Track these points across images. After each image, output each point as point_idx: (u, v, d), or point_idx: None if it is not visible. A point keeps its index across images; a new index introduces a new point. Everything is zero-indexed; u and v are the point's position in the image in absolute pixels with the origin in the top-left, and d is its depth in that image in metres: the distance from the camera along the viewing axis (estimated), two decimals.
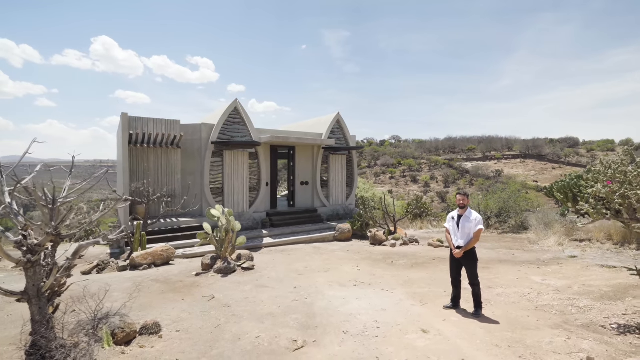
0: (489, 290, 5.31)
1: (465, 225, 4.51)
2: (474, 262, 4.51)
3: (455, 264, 4.62)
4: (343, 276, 6.45)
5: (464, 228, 4.51)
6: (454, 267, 4.66)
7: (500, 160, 53.76)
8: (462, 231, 4.52)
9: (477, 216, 4.54)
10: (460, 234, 4.55)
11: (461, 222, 4.54)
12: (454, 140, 63.40)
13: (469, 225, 4.49)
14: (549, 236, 9.81)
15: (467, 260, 4.51)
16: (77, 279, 7.01)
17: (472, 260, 4.50)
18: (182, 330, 3.99)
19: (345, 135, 14.02)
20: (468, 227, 4.49)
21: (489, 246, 9.84)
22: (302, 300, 4.89)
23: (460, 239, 4.54)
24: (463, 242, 4.50)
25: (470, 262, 4.50)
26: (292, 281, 6.12)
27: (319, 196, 13.49)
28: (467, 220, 4.52)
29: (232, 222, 7.28)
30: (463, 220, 4.53)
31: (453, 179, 48.84)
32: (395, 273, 6.63)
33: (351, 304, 4.70)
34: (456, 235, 4.59)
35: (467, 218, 4.53)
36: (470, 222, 4.49)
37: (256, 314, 4.42)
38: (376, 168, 58.02)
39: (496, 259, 7.85)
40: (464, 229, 4.51)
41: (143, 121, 10.76)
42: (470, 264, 4.49)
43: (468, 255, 4.50)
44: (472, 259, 4.50)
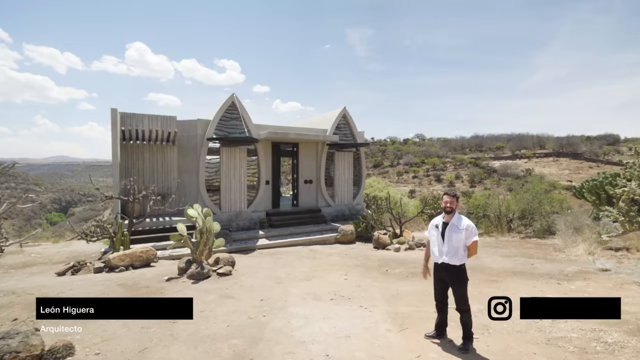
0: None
1: (452, 237, 3.47)
2: (463, 282, 3.52)
3: (440, 284, 3.65)
4: (324, 287, 5.68)
5: (450, 240, 3.48)
6: (438, 288, 3.67)
7: (530, 158, 50.52)
8: (448, 243, 3.48)
9: (468, 224, 3.50)
10: (445, 248, 3.50)
11: (447, 231, 3.51)
12: (481, 138, 60.47)
13: (457, 237, 3.46)
14: (578, 243, 8.50)
15: (453, 280, 3.53)
16: (46, 280, 6.71)
17: (460, 281, 3.51)
18: (101, 353, 3.39)
19: (353, 131, 13.15)
20: (457, 239, 3.45)
21: (506, 253, 8.69)
22: (258, 319, 4.17)
23: (444, 255, 3.51)
24: (448, 258, 3.50)
25: (458, 283, 3.51)
26: (264, 291, 5.42)
27: (323, 195, 12.72)
28: (454, 230, 3.49)
29: (208, 223, 6.69)
30: (450, 230, 3.51)
31: (479, 178, 46.46)
32: (385, 284, 5.76)
33: (311, 326, 3.92)
34: (440, 248, 3.56)
35: (454, 227, 3.50)
36: (459, 232, 3.46)
37: (197, 334, 3.76)
38: (399, 167, 56.43)
39: (510, 269, 6.76)
40: (451, 241, 3.47)
41: (138, 117, 10.44)
42: (458, 286, 3.51)
43: (455, 274, 3.51)
44: (460, 279, 3.51)
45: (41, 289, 5.81)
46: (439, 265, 3.63)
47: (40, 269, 8.06)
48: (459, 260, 3.50)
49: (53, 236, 16.92)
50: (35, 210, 67.13)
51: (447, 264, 3.54)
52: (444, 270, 3.57)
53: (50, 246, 11.51)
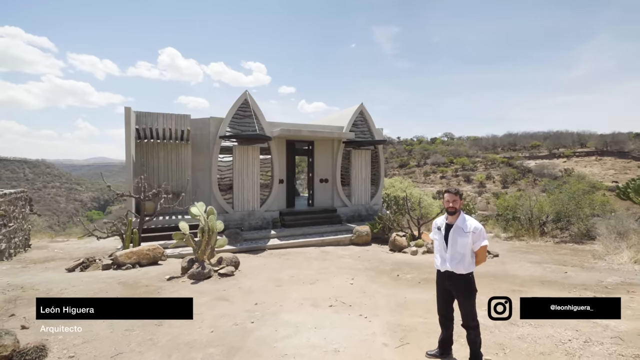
0: (508, 329, 3.77)
1: (457, 241, 2.99)
2: (471, 294, 3.01)
3: (444, 295, 3.16)
4: (326, 292, 5.28)
5: (455, 244, 2.99)
6: (442, 300, 3.19)
7: (570, 157, 47.16)
8: (453, 249, 3.00)
9: (476, 225, 2.99)
10: (449, 253, 3.02)
11: (451, 234, 3.02)
12: (514, 136, 57.27)
13: (463, 241, 2.97)
14: (622, 250, 7.53)
15: (459, 291, 3.04)
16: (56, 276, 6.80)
17: (468, 292, 3.01)
18: (75, 357, 3.21)
19: (370, 128, 12.63)
20: (462, 244, 2.97)
21: (536, 259, 7.87)
22: (245, 325, 3.86)
23: (448, 262, 3.03)
24: (453, 265, 3.01)
25: (465, 295, 3.01)
26: (262, 294, 5.12)
27: (339, 195, 12.29)
28: (460, 233, 2.99)
29: (211, 222, 6.50)
30: (454, 233, 3.02)
31: (513, 179, 44.00)
32: (392, 291, 5.27)
33: (299, 337, 3.54)
34: (442, 254, 3.09)
35: (459, 229, 3.00)
36: (466, 236, 2.97)
37: (177, 340, 3.50)
38: (426, 167, 54.77)
39: (538, 278, 6.03)
40: (455, 246, 2.99)
41: (153, 116, 10.55)
42: (465, 298, 3.01)
43: (460, 283, 3.02)
44: (467, 290, 3.01)
45: (47, 285, 5.86)
46: (442, 274, 3.14)
47: (56, 264, 8.26)
48: (466, 268, 3.00)
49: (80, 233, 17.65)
50: (77, 208, 71.63)
51: (451, 273, 3.05)
52: (448, 278, 3.08)
53: (74, 242, 11.92)
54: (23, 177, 78.18)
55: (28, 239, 10.76)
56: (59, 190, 77.96)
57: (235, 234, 9.47)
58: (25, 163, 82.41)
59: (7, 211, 9.07)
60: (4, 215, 8.91)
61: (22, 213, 10.17)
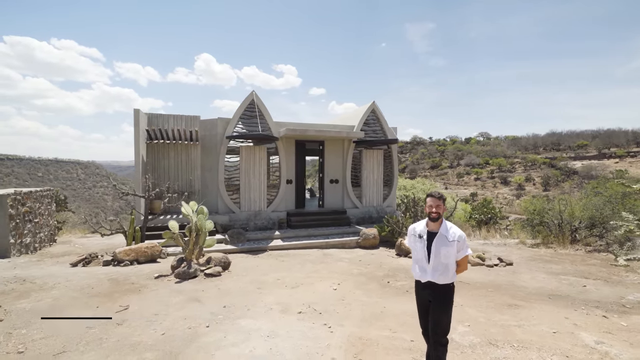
0: (484, 350, 3.30)
1: (441, 251, 2.68)
2: (449, 304, 2.71)
3: (426, 308, 2.82)
4: (304, 297, 5.03)
5: (438, 255, 2.68)
6: (423, 312, 2.85)
7: (623, 158, 42.88)
8: (436, 259, 2.69)
9: (460, 234, 2.71)
10: (432, 264, 2.70)
11: (435, 244, 2.71)
12: (558, 135, 53.21)
13: (447, 251, 2.66)
14: None
15: (436, 299, 2.72)
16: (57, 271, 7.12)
17: (446, 302, 2.70)
18: (24, 353, 3.23)
19: (383, 127, 12.16)
20: (446, 254, 2.66)
21: (555, 270, 7.08)
22: (198, 329, 3.71)
23: (429, 273, 2.72)
24: (436, 277, 2.69)
25: (442, 305, 2.70)
26: (236, 297, 4.98)
27: (349, 196, 11.95)
28: (443, 242, 2.69)
29: (200, 221, 6.49)
30: (438, 242, 2.70)
31: (555, 181, 40.82)
32: (374, 299, 4.91)
33: (244, 345, 3.33)
34: (424, 264, 2.76)
35: (443, 238, 2.70)
36: (450, 245, 2.66)
37: (124, 341, 3.43)
38: (459, 168, 52.48)
39: (548, 291, 5.35)
40: (439, 257, 2.68)
41: (164, 117, 10.88)
42: (442, 308, 2.69)
43: (439, 292, 2.70)
44: (445, 299, 2.70)
45: (45, 279, 6.15)
46: (422, 284, 2.80)
47: (69, 259, 8.70)
48: (450, 278, 2.70)
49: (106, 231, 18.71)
50: (122, 207, 76.88)
51: (432, 283, 2.73)
52: (428, 287, 2.76)
53: (95, 238, 12.61)
54: (76, 177, 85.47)
55: (54, 234, 11.51)
56: (106, 189, 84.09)
57: (239, 233, 9.48)
58: (78, 164, 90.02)
59: (32, 208, 9.73)
60: (29, 212, 9.56)
61: (47, 210, 10.89)
